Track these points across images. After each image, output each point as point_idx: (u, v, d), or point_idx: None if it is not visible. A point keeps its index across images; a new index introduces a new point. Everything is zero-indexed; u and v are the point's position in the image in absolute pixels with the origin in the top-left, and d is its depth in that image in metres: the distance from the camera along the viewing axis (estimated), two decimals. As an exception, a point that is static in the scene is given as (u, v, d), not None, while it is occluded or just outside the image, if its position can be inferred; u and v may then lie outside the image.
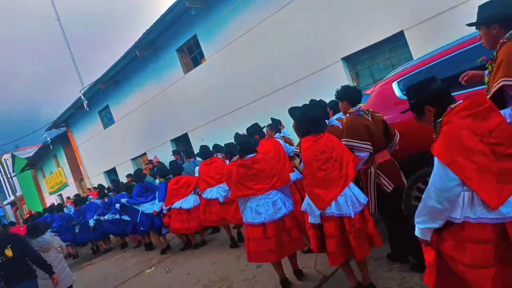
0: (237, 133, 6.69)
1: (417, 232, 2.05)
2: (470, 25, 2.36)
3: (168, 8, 10.09)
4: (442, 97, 2.03)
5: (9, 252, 3.47)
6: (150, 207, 7.35)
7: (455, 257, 1.89)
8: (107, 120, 16.33)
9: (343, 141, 3.23)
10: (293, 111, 4.45)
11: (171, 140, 12.90)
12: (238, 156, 4.44)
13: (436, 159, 1.89)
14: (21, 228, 11.75)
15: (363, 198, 3.05)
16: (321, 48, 7.72)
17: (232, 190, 3.96)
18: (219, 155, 6.82)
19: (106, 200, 9.13)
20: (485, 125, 1.84)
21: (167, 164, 11.33)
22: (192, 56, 11.39)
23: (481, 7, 2.30)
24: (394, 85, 4.18)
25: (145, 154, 14.43)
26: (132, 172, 13.49)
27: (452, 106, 1.97)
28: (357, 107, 3.38)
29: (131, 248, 9.17)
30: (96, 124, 16.78)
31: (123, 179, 13.21)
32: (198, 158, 7.42)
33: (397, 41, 6.74)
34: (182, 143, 12.70)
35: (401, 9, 6.42)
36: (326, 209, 2.96)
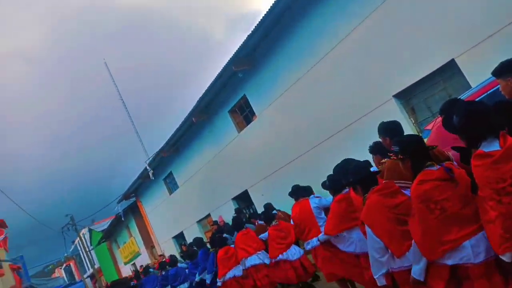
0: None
1: (378, 283, 2.89)
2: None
3: (217, 75, 10.75)
4: (367, 181, 3.00)
5: None
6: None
7: None
8: (172, 186, 17.07)
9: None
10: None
11: (233, 199, 13.06)
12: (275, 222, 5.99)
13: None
14: None
15: None
16: (370, 88, 7.63)
17: (334, 224, 4.17)
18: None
19: (163, 272, 9.39)
20: (393, 201, 2.77)
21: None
22: (244, 115, 11.82)
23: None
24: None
25: (209, 215, 14.68)
26: (198, 234, 13.73)
27: (374, 187, 2.90)
28: None
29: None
30: (162, 191, 17.58)
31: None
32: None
33: (449, 70, 6.47)
34: (243, 200, 12.80)
35: (448, 36, 6.21)
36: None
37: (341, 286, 4.78)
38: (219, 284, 6.72)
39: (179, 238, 17.61)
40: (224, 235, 7.74)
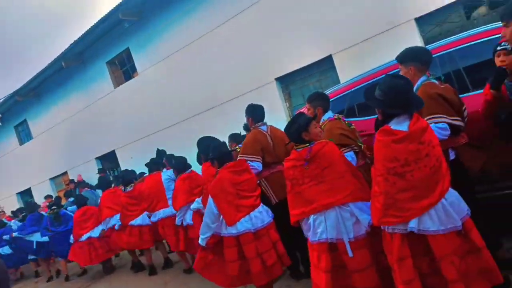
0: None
1: (200, 241, 3.24)
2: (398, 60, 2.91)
3: (100, 19, 9.65)
4: (224, 158, 3.38)
5: None
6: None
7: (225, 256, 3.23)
8: (24, 136, 14.90)
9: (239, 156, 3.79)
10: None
11: (96, 158, 12.08)
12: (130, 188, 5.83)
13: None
14: None
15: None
16: (258, 67, 7.86)
17: (180, 199, 4.70)
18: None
19: None
20: (238, 178, 3.25)
21: (93, 182, 10.57)
22: (124, 69, 10.95)
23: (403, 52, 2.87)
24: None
25: (66, 173, 13.31)
26: (49, 192, 12.38)
27: (226, 164, 3.31)
28: (259, 124, 3.89)
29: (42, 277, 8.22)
30: (11, 140, 15.24)
31: (39, 200, 12.03)
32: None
33: (326, 64, 7.09)
34: (109, 160, 11.95)
35: (331, 34, 6.78)
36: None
37: None
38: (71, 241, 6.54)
39: (25, 194, 15.57)
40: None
